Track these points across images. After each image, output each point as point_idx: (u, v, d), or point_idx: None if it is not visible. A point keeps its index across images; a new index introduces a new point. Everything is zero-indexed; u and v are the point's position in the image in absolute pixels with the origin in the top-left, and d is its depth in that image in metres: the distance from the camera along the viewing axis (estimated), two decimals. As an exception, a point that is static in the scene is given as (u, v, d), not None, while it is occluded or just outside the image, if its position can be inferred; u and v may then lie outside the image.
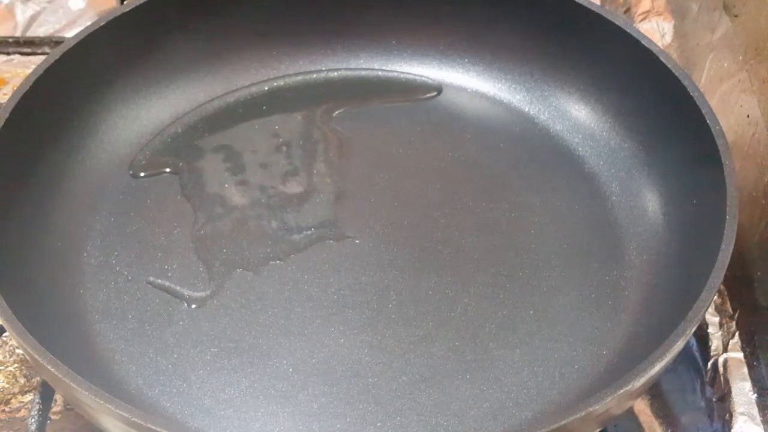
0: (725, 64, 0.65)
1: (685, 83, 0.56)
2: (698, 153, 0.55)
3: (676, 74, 0.57)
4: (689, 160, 0.57)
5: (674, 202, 0.58)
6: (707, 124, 0.54)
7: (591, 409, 0.43)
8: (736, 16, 0.65)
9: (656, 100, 0.60)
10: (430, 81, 0.67)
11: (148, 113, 0.64)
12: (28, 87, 0.55)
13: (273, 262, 0.58)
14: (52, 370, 0.44)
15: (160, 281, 0.56)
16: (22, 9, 0.76)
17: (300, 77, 0.67)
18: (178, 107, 0.65)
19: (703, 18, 0.70)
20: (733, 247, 0.49)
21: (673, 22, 0.75)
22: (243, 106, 0.66)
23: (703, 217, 0.54)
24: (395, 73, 0.68)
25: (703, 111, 0.55)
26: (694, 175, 0.56)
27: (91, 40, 0.59)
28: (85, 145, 0.61)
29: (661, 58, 0.58)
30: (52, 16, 0.75)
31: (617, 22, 0.60)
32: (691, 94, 0.56)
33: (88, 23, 0.61)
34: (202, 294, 0.56)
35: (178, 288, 0.56)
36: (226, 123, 0.65)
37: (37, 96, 0.56)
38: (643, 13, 0.76)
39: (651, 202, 0.60)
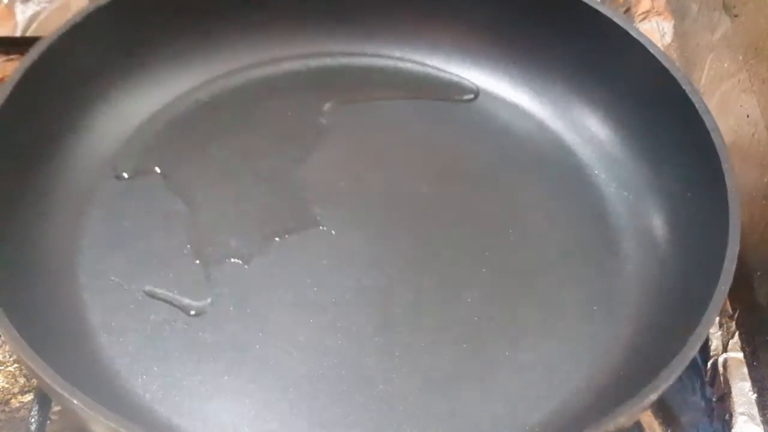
0: (725, 64, 0.65)
1: (694, 100, 0.56)
2: (699, 161, 0.55)
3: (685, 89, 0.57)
4: (690, 169, 0.57)
5: (677, 217, 0.58)
6: (709, 134, 0.54)
7: (605, 426, 0.43)
8: (736, 16, 0.65)
9: (660, 110, 0.59)
10: (461, 80, 0.67)
11: (131, 108, 0.62)
12: (4, 98, 0.53)
13: (271, 261, 0.56)
14: (62, 392, 0.43)
15: (158, 290, 0.55)
16: (22, 9, 0.75)
17: (295, 66, 0.66)
18: (161, 99, 0.63)
19: (703, 18, 0.70)
20: (736, 260, 0.49)
21: (673, 22, 0.75)
22: (236, 95, 0.64)
23: (705, 228, 0.54)
24: (409, 64, 0.67)
25: (706, 121, 0.55)
26: (695, 186, 0.56)
27: (66, 39, 0.57)
28: (68, 150, 0.58)
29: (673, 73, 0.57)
30: (51, 17, 0.75)
31: (641, 41, 0.59)
32: (697, 108, 0.55)
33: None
34: (202, 303, 0.54)
35: (177, 296, 0.54)
36: (215, 115, 0.63)
37: (14, 105, 0.53)
38: (643, 13, 0.76)
39: (655, 218, 0.59)
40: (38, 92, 0.56)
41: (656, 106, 0.59)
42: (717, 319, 0.59)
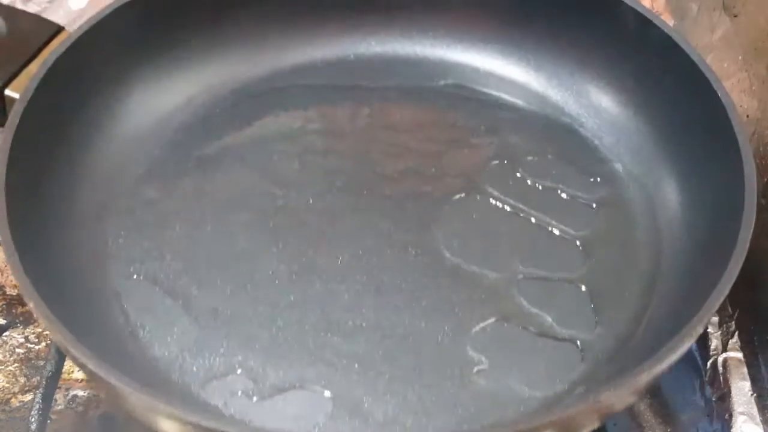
0: (725, 64, 0.65)
1: (705, 73, 0.56)
2: (713, 134, 0.55)
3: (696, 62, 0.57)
4: (704, 141, 0.57)
5: (692, 197, 0.58)
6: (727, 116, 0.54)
7: (594, 402, 0.43)
8: (735, 16, 0.65)
9: (679, 92, 0.59)
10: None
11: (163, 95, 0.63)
12: (44, 72, 0.55)
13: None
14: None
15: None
16: (23, 9, 0.76)
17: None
18: (174, 101, 0.64)
19: (703, 18, 0.70)
20: (747, 250, 0.48)
21: (673, 22, 0.75)
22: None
23: (720, 213, 0.54)
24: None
25: (725, 103, 0.54)
26: (712, 167, 0.56)
27: (88, 36, 0.58)
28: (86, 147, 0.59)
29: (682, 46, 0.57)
30: (52, 16, 0.75)
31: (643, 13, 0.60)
32: (713, 85, 0.55)
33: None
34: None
35: None
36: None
37: (36, 101, 0.54)
38: (643, 13, 0.76)
39: (670, 195, 0.59)
40: (58, 89, 0.56)
41: (664, 78, 0.60)
42: (717, 319, 0.59)
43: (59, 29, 0.60)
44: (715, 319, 0.59)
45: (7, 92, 0.57)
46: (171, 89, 0.63)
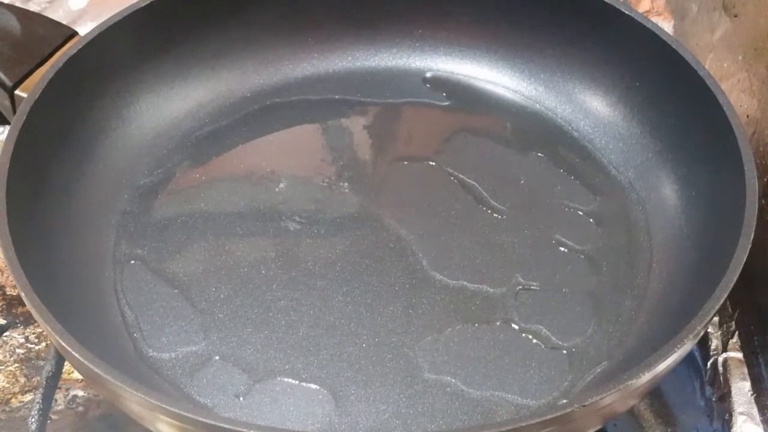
0: (725, 64, 0.65)
1: (701, 74, 0.56)
2: (711, 134, 0.55)
3: (691, 64, 0.57)
4: (708, 154, 0.57)
5: (691, 199, 0.58)
6: (726, 118, 0.54)
7: (593, 401, 0.42)
8: (735, 16, 0.65)
9: (674, 94, 0.59)
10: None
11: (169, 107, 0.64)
12: (53, 73, 0.55)
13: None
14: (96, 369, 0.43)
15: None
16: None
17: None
18: (182, 108, 0.64)
19: (702, 18, 0.70)
20: (748, 251, 0.48)
21: (673, 22, 0.75)
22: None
23: (720, 214, 0.54)
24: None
25: (722, 103, 0.54)
26: (711, 167, 0.56)
27: (101, 39, 0.58)
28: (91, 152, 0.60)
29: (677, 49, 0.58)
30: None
31: (638, 19, 0.61)
32: (709, 86, 0.55)
33: (89, 23, 0.61)
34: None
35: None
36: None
37: (45, 100, 0.55)
38: (643, 13, 0.75)
39: (668, 198, 0.59)
40: (66, 90, 0.57)
41: (659, 82, 0.60)
42: (717, 319, 0.59)
43: (73, 33, 0.61)
44: (715, 319, 0.59)
45: (18, 92, 0.57)
46: (179, 96, 0.64)
